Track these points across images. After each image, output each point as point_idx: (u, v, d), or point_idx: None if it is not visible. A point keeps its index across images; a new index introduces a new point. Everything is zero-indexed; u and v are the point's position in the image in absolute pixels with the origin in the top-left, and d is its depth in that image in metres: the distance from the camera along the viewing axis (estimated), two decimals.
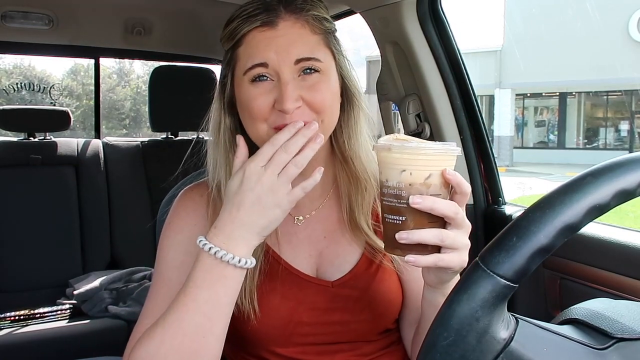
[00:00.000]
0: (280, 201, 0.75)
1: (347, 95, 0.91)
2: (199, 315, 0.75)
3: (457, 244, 0.70)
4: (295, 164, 0.75)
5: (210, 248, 0.75)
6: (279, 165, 0.75)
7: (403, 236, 0.68)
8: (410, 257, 0.69)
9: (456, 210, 0.69)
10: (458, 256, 0.71)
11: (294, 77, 0.82)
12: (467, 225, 0.72)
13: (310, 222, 0.95)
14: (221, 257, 0.75)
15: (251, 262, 0.77)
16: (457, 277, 0.76)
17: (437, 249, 0.70)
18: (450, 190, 0.71)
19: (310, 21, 0.85)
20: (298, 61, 0.82)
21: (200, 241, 0.77)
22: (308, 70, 0.83)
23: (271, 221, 0.76)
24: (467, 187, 0.70)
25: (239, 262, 0.75)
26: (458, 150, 0.70)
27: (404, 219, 0.69)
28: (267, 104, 0.83)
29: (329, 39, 0.88)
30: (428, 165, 0.68)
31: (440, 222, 0.70)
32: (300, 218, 0.95)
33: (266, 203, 0.75)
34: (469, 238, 0.73)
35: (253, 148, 0.89)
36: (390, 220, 0.70)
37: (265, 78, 0.83)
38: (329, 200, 0.96)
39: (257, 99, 0.83)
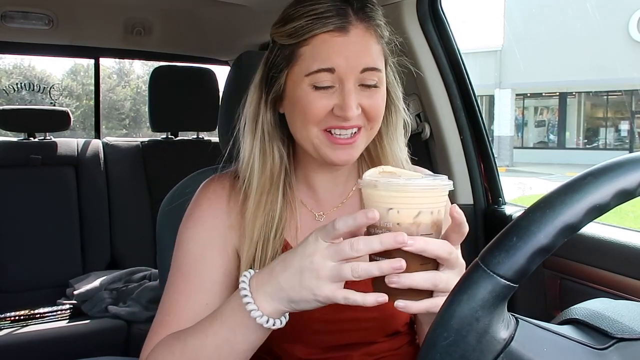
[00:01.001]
0: (317, 290, 0.65)
1: (389, 99, 0.92)
2: (215, 350, 0.73)
3: (450, 286, 0.63)
4: (352, 269, 0.63)
5: (243, 289, 0.70)
6: (338, 254, 0.64)
7: (393, 280, 0.63)
8: (400, 303, 0.64)
9: (450, 250, 0.64)
10: None
11: (356, 87, 0.83)
12: (461, 265, 0.67)
13: (331, 218, 0.95)
14: (245, 304, 0.70)
15: (274, 324, 0.70)
16: None
17: (429, 292, 0.65)
18: (441, 229, 0.66)
19: (377, 30, 0.86)
20: (364, 70, 0.83)
21: (244, 275, 0.72)
22: (368, 85, 0.84)
23: (303, 301, 0.68)
24: (466, 228, 0.66)
25: (261, 317, 0.69)
26: (450, 184, 0.64)
27: (379, 260, 0.64)
28: (325, 108, 0.83)
29: (384, 47, 0.89)
30: (417, 203, 0.63)
31: (433, 263, 0.65)
32: (322, 214, 0.95)
33: (304, 282, 0.66)
34: (469, 239, 0.72)
35: (294, 153, 0.93)
36: (375, 260, 0.65)
37: (328, 86, 0.82)
38: (351, 198, 0.97)
39: (316, 102, 0.82)
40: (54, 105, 2.72)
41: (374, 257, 0.65)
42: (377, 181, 0.63)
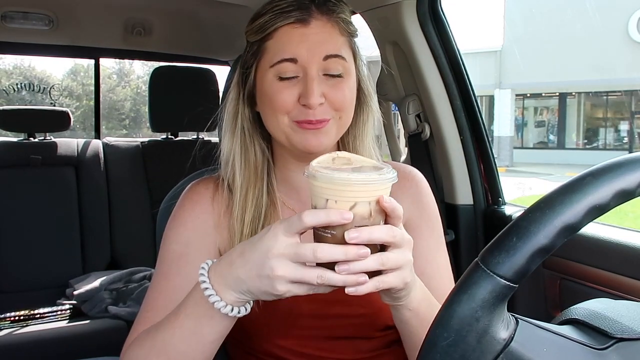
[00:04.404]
0: (273, 288, 0.65)
1: (360, 96, 0.94)
2: (182, 344, 0.73)
3: (398, 263, 0.67)
4: (318, 275, 0.63)
5: (203, 282, 0.70)
6: (298, 257, 0.64)
7: (344, 268, 0.63)
8: (350, 289, 0.64)
9: (393, 234, 0.66)
10: (399, 275, 0.67)
11: (319, 75, 0.86)
12: (408, 241, 0.69)
13: None
14: (208, 296, 0.69)
15: (238, 312, 0.70)
16: (415, 294, 0.75)
17: (376, 272, 0.66)
18: (384, 215, 0.67)
19: (340, 23, 0.89)
20: (327, 57, 0.85)
21: (202, 268, 0.72)
22: (331, 75, 0.86)
23: (262, 294, 0.67)
24: (400, 211, 0.67)
25: (225, 307, 0.69)
26: (389, 178, 0.66)
27: None
28: (291, 98, 0.85)
29: (352, 41, 0.92)
30: (353, 196, 0.64)
31: (372, 246, 0.66)
32: None
33: (262, 280, 0.65)
34: (469, 238, 0.73)
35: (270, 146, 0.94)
36: None
37: (292, 77, 0.85)
38: None
39: (282, 93, 0.85)
40: (54, 106, 2.73)
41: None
42: (318, 172, 0.65)
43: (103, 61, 2.92)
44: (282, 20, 0.86)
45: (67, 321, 2.10)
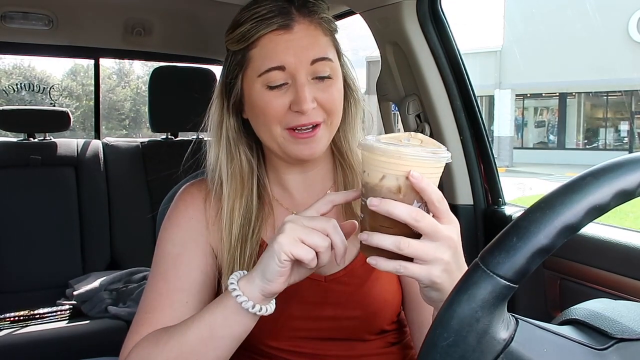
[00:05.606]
0: (277, 245, 0.71)
1: (347, 91, 0.93)
2: (204, 340, 0.76)
3: (424, 255, 0.64)
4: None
5: (233, 289, 0.74)
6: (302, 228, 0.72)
7: (363, 237, 0.66)
8: (372, 260, 0.66)
9: (416, 217, 0.63)
10: (425, 269, 0.65)
11: (309, 80, 0.85)
12: (444, 238, 0.65)
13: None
14: (235, 296, 0.74)
15: (260, 309, 0.74)
16: None
17: (408, 258, 0.65)
18: (419, 198, 0.65)
19: (322, 23, 0.88)
20: (314, 61, 0.84)
21: (232, 277, 0.76)
22: (320, 77, 0.86)
23: (271, 272, 0.72)
24: (432, 194, 0.64)
25: (246, 302, 0.73)
26: (423, 155, 0.64)
27: (362, 217, 0.68)
28: (282, 107, 0.84)
29: (335, 39, 0.91)
30: (382, 167, 0.64)
31: (400, 227, 0.65)
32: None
33: (272, 246, 0.72)
34: (469, 239, 0.73)
35: (261, 153, 0.94)
36: (359, 217, 0.70)
37: (281, 85, 0.84)
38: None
39: (272, 102, 0.84)
40: (54, 106, 2.72)
41: (360, 214, 0.70)
42: (363, 141, 0.67)
43: (103, 61, 2.92)
44: (265, 28, 0.84)
45: (67, 321, 2.10)
